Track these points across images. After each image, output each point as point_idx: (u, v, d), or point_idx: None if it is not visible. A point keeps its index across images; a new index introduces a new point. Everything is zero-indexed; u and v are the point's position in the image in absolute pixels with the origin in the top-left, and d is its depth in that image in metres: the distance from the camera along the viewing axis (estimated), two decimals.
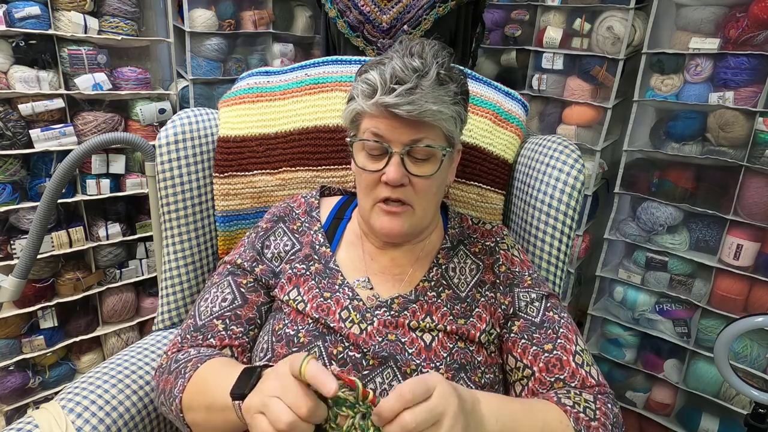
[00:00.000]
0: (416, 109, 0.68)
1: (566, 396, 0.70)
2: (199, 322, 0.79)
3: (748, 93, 1.52)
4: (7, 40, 1.59)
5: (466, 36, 1.34)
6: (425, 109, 0.69)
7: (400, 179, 0.72)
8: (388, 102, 0.69)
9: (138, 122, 1.84)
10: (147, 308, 2.02)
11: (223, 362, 0.70)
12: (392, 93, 0.69)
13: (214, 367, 0.69)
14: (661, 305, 1.76)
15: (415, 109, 0.68)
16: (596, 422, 0.67)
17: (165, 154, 0.98)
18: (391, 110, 0.69)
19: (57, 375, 1.83)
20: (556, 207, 0.93)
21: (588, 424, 0.66)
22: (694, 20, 1.58)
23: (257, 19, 2.07)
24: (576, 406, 0.68)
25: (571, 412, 0.67)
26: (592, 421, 0.67)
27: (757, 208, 1.53)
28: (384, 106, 0.70)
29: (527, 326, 0.78)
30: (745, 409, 1.48)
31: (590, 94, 1.85)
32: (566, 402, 0.68)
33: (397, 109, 0.69)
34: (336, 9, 1.28)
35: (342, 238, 0.85)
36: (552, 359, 0.75)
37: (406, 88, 0.69)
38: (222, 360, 0.71)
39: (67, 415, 0.77)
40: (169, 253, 1.02)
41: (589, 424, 0.67)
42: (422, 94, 0.69)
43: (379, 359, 0.71)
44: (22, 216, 1.68)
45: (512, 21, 1.97)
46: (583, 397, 0.70)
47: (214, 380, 0.66)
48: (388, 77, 0.70)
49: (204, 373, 0.68)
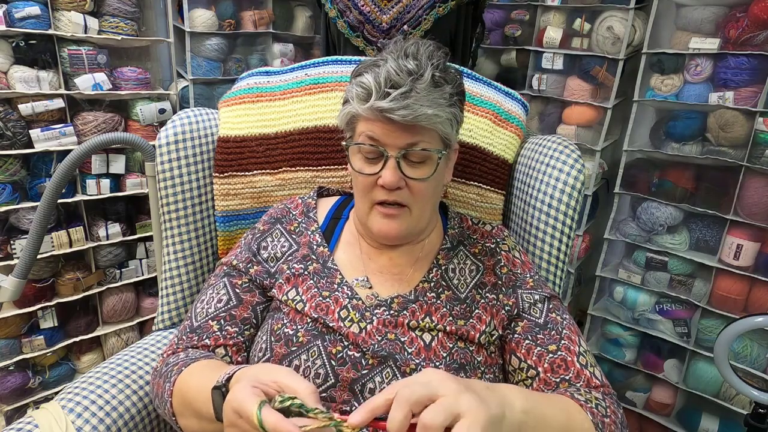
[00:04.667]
0: (411, 113, 0.68)
1: (577, 393, 0.70)
2: (194, 323, 0.80)
3: (748, 93, 1.52)
4: (7, 40, 1.59)
5: (466, 36, 1.34)
6: (420, 114, 0.68)
7: (397, 183, 0.72)
8: (382, 107, 0.68)
9: (138, 122, 1.84)
10: (147, 308, 2.02)
11: (202, 366, 0.70)
12: (387, 97, 0.68)
13: (193, 374, 0.68)
14: (661, 305, 1.76)
15: (410, 114, 0.68)
16: (608, 419, 0.68)
17: (165, 154, 0.98)
18: (386, 115, 0.69)
19: (57, 375, 1.83)
20: (556, 207, 0.93)
21: (602, 419, 0.67)
22: (694, 20, 1.58)
23: (257, 19, 2.07)
24: (589, 402, 0.68)
25: (586, 407, 0.67)
26: (605, 417, 0.67)
27: (757, 208, 1.53)
28: (379, 111, 0.69)
29: (531, 327, 0.78)
30: (745, 409, 1.48)
31: (590, 94, 1.85)
32: (579, 398, 0.69)
33: (392, 114, 0.68)
34: (336, 9, 1.28)
35: (340, 238, 0.85)
36: (557, 360, 0.75)
37: (401, 92, 0.68)
38: (202, 364, 0.70)
39: (67, 415, 0.77)
40: (169, 253, 1.02)
41: (602, 419, 0.67)
42: (417, 98, 0.68)
43: (378, 358, 0.71)
44: (22, 216, 1.68)
45: (512, 21, 1.97)
46: (593, 395, 0.70)
47: (195, 389, 0.65)
48: (383, 81, 0.69)
49: (185, 379, 0.68)
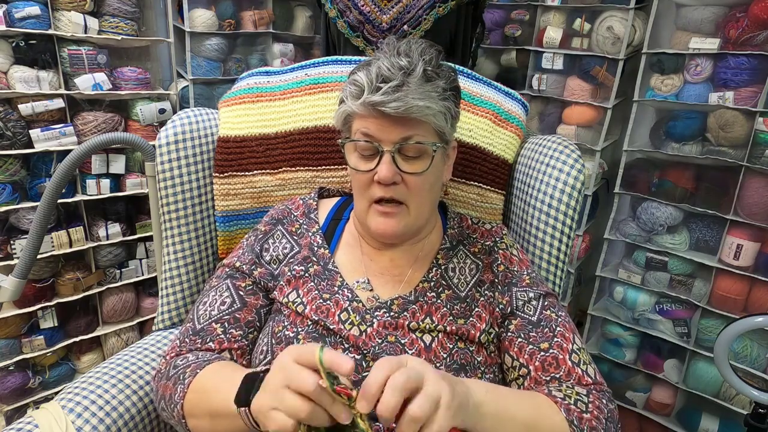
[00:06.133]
0: (402, 105, 0.68)
1: (557, 389, 0.70)
2: (197, 326, 0.79)
3: (748, 93, 1.52)
4: (7, 40, 1.59)
5: (466, 36, 1.34)
6: (411, 105, 0.69)
7: (392, 177, 0.72)
8: (374, 100, 0.69)
9: (138, 122, 1.84)
10: (147, 308, 2.02)
11: (221, 366, 0.70)
12: (378, 91, 0.69)
13: (212, 373, 0.68)
14: (661, 305, 1.76)
15: (402, 106, 0.68)
16: (588, 414, 0.67)
17: (165, 154, 0.98)
18: (379, 108, 0.69)
19: (57, 375, 1.83)
20: (556, 207, 0.93)
21: (580, 415, 0.66)
22: (694, 20, 1.58)
23: (257, 19, 2.07)
24: (567, 399, 0.68)
25: (561, 403, 0.67)
26: (584, 413, 0.67)
27: (757, 208, 1.53)
28: (371, 105, 0.70)
29: (524, 325, 0.78)
30: (745, 409, 1.48)
31: (590, 94, 1.85)
32: (557, 395, 0.68)
33: (384, 107, 0.69)
34: (336, 9, 1.28)
35: (340, 240, 0.85)
36: (548, 358, 0.74)
37: (392, 85, 0.69)
38: (220, 364, 0.71)
39: (67, 415, 0.77)
40: (169, 253, 1.02)
41: (581, 415, 0.66)
42: (408, 91, 0.69)
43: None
44: (22, 216, 1.68)
45: (512, 21, 1.97)
46: (575, 390, 0.70)
47: (214, 386, 0.66)
48: (374, 76, 0.70)
49: (203, 378, 0.68)
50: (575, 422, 0.65)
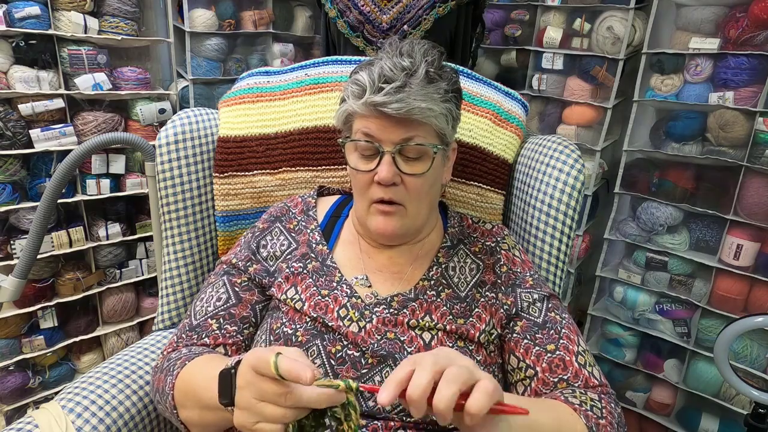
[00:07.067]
0: (404, 106, 0.68)
1: (572, 395, 0.70)
2: (194, 322, 0.80)
3: (748, 93, 1.52)
4: (7, 40, 1.59)
5: (466, 36, 1.34)
6: (413, 107, 0.69)
7: (392, 178, 0.72)
8: (376, 101, 0.69)
9: (138, 122, 1.84)
10: (147, 308, 2.02)
11: (207, 359, 0.70)
12: (381, 92, 0.69)
13: (198, 366, 0.69)
14: (661, 305, 1.76)
15: (404, 107, 0.68)
16: (604, 420, 0.67)
17: (165, 154, 0.98)
18: (380, 109, 0.69)
19: (57, 375, 1.83)
20: (556, 207, 0.93)
21: (597, 422, 0.67)
22: (694, 20, 1.58)
23: (257, 19, 2.07)
24: (583, 405, 0.68)
25: (580, 410, 0.67)
26: (600, 419, 0.67)
27: (757, 208, 1.53)
28: (373, 106, 0.70)
29: (530, 326, 0.78)
30: (745, 409, 1.48)
31: (590, 94, 1.84)
32: (573, 401, 0.69)
33: (386, 108, 0.69)
34: (336, 9, 1.28)
35: (339, 237, 0.85)
36: (555, 359, 0.75)
37: (395, 86, 0.69)
38: (207, 357, 0.71)
39: (67, 415, 0.77)
40: (169, 253, 1.02)
41: (597, 422, 0.67)
42: (410, 92, 0.69)
43: (377, 357, 0.71)
44: (22, 216, 1.68)
45: (512, 21, 1.97)
46: (589, 396, 0.70)
47: (201, 378, 0.66)
48: (377, 77, 0.70)
49: (190, 370, 0.69)
50: (594, 428, 0.66)
